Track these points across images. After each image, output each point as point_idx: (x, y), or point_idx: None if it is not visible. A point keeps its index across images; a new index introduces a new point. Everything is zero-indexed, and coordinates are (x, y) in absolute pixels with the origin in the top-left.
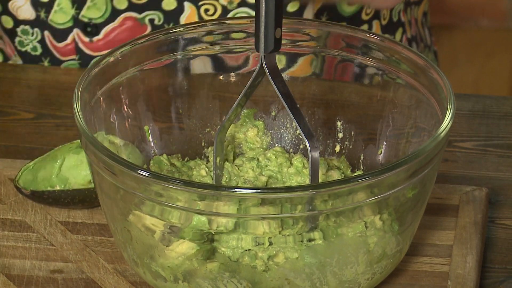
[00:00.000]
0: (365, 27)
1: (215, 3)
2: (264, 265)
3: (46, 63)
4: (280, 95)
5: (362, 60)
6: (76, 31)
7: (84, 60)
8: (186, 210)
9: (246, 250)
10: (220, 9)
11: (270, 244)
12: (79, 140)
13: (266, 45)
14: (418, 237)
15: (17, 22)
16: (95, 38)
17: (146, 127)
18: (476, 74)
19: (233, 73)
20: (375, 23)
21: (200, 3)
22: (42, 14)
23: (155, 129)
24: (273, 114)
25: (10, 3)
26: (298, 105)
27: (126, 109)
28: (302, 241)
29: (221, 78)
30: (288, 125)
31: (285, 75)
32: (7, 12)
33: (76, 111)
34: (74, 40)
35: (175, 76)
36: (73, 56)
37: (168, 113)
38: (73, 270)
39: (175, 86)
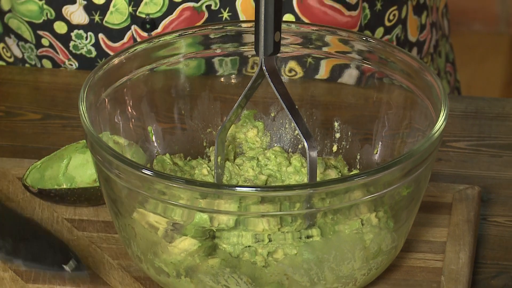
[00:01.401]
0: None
1: None
2: (263, 261)
3: None
4: (279, 97)
5: (359, 63)
6: (134, 28)
7: None
8: (188, 208)
9: (246, 247)
10: None
11: (270, 240)
12: (84, 140)
13: (265, 48)
14: (413, 234)
15: (71, 27)
16: (154, 32)
17: (149, 128)
18: (469, 77)
19: (233, 75)
20: (410, 3)
21: None
22: (97, 18)
23: (158, 130)
24: (272, 115)
25: (63, 9)
26: (296, 106)
27: (130, 110)
28: (300, 238)
29: (222, 80)
30: (287, 126)
31: (283, 77)
32: (60, 17)
33: (82, 112)
34: (131, 37)
35: (177, 78)
36: None
37: (171, 114)
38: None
39: (177, 88)
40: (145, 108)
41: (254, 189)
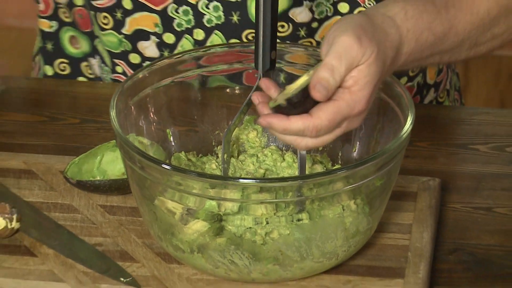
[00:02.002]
0: None
1: None
2: (262, 239)
3: None
4: None
5: None
6: None
7: None
8: (200, 196)
9: (247, 228)
10: None
11: (267, 223)
12: (115, 141)
13: (263, 64)
14: (385, 217)
15: (144, 58)
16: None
17: (168, 130)
18: None
19: (237, 87)
20: None
21: None
22: (166, 53)
23: (175, 132)
24: None
25: (138, 44)
26: None
27: (152, 116)
28: (292, 221)
29: (227, 91)
30: None
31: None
32: (135, 50)
33: (112, 117)
34: None
35: (191, 89)
36: None
37: (186, 119)
38: (110, 244)
39: (191, 98)
40: (165, 114)
41: (254, 180)
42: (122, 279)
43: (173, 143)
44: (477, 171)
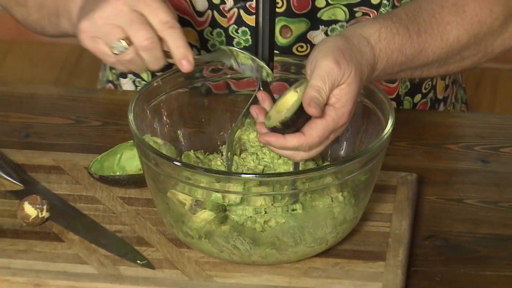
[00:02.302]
0: None
1: None
2: (261, 227)
3: None
4: None
5: None
6: None
7: None
8: (207, 189)
9: (248, 217)
10: None
11: (265, 212)
12: (132, 141)
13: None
14: (368, 208)
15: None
16: None
17: (179, 131)
18: None
19: (239, 94)
20: None
21: None
22: None
23: (185, 133)
24: None
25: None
26: None
27: (165, 119)
28: (287, 211)
29: (231, 97)
30: None
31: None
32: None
33: (130, 120)
34: None
35: (199, 96)
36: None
37: (195, 121)
38: (128, 231)
39: (199, 103)
40: (176, 117)
41: (254, 175)
42: (138, 261)
43: (183, 143)
44: (449, 167)
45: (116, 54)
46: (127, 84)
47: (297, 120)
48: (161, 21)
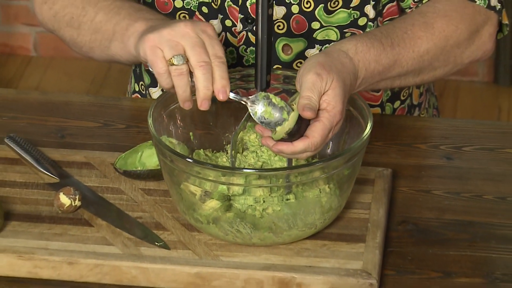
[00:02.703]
0: None
1: None
2: (260, 214)
3: None
4: None
5: None
6: None
7: None
8: (214, 182)
9: (249, 205)
10: None
11: (264, 201)
12: (151, 141)
13: (261, 85)
14: (351, 197)
15: None
16: None
17: (190, 133)
18: None
19: (242, 100)
20: None
21: None
22: None
23: (196, 134)
24: None
25: None
26: None
27: (179, 122)
28: (282, 200)
29: (235, 104)
30: None
31: None
32: None
33: (150, 123)
34: None
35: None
36: None
37: (204, 124)
38: (148, 217)
39: (208, 109)
40: (188, 121)
41: (254, 170)
42: (156, 243)
43: (194, 143)
44: (419, 163)
45: (172, 65)
46: (156, 93)
47: (299, 128)
48: (215, 54)
